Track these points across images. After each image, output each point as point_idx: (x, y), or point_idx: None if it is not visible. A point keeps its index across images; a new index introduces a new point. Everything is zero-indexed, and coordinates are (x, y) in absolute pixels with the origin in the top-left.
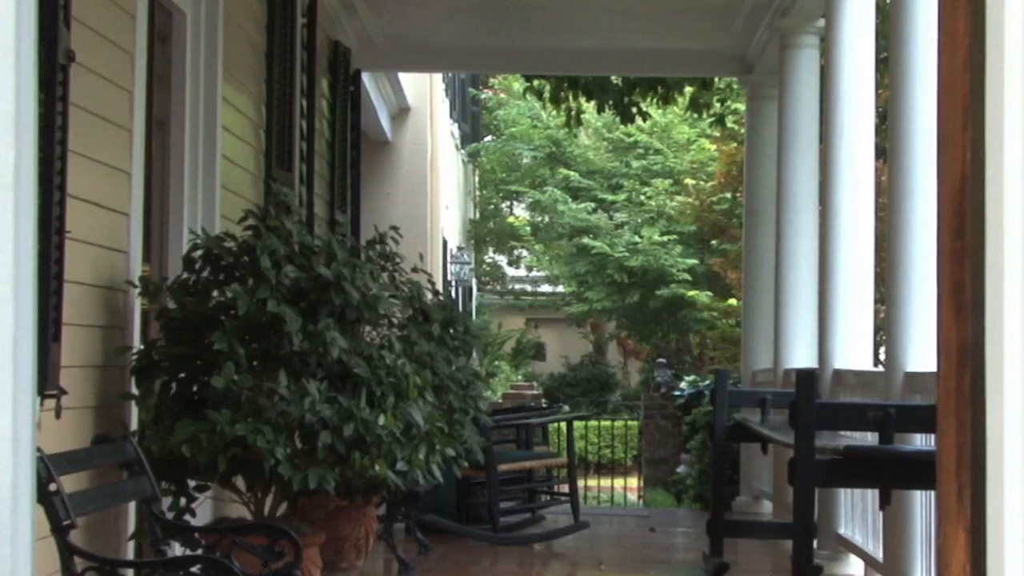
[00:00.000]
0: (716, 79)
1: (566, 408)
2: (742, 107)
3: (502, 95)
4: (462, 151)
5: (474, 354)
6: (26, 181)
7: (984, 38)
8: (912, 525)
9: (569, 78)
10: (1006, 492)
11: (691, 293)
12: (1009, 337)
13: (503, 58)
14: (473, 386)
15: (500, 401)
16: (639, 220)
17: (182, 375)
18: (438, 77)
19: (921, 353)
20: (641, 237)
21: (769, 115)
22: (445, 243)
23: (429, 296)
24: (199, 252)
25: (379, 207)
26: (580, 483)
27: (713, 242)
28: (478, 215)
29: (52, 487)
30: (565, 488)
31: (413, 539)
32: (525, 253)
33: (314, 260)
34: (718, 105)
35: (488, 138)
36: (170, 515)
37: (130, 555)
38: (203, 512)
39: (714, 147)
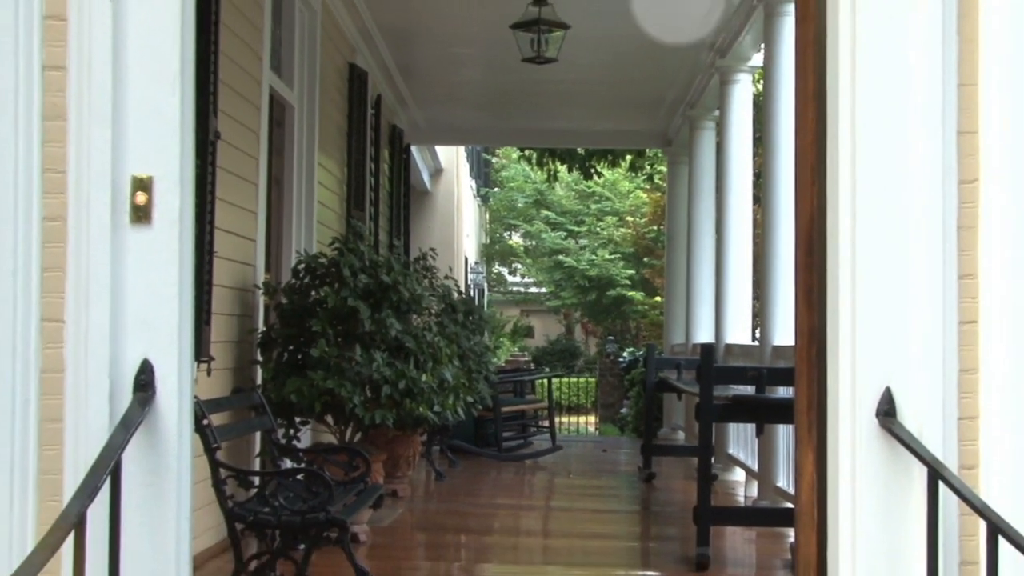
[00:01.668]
0: (647, 150)
1: (547, 369)
2: (664, 169)
3: (504, 160)
4: (477, 197)
5: (485, 333)
6: (187, 218)
7: (826, 125)
8: (777, 447)
9: (548, 149)
10: (840, 426)
11: (630, 293)
12: (841, 323)
13: (504, 136)
14: (485, 355)
15: (503, 365)
16: (596, 244)
17: (291, 347)
18: (461, 148)
19: (783, 332)
20: (597, 256)
21: (682, 174)
22: (466, 259)
23: (455, 295)
24: (302, 265)
25: (422, 235)
26: (556, 419)
27: (645, 259)
28: (488, 240)
29: (205, 422)
30: (546, 423)
31: (445, 457)
32: (519, 266)
33: (379, 271)
34: (648, 167)
35: (495, 189)
36: (283, 441)
37: (256, 467)
38: (305, 439)
39: (646, 196)
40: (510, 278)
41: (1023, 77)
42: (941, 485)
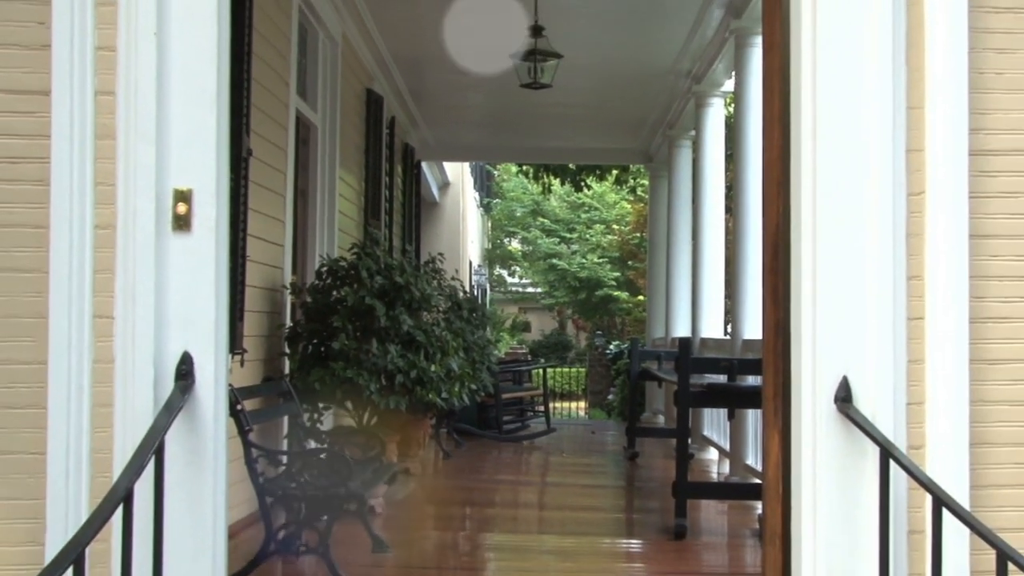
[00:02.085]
0: (631, 166)
1: (542, 360)
2: (646, 182)
3: (504, 174)
4: (480, 207)
5: (487, 328)
6: (223, 226)
7: (790, 144)
8: (747, 430)
9: (543, 165)
10: (802, 411)
11: (616, 293)
12: (804, 319)
13: (504, 152)
14: (487, 348)
15: (503, 356)
16: (585, 249)
17: (315, 341)
18: (466, 164)
19: (752, 327)
20: (586, 260)
21: (662, 187)
22: (470, 263)
23: (461, 294)
24: (325, 268)
25: (431, 241)
26: (550, 405)
27: (629, 262)
28: (490, 245)
29: (239, 407)
30: (541, 408)
31: (451, 438)
32: (518, 269)
33: (393, 273)
34: (632, 181)
35: (496, 200)
36: (308, 424)
37: (284, 447)
38: (327, 422)
39: (629, 206)
40: (509, 279)
41: (962, 101)
42: (892, 463)
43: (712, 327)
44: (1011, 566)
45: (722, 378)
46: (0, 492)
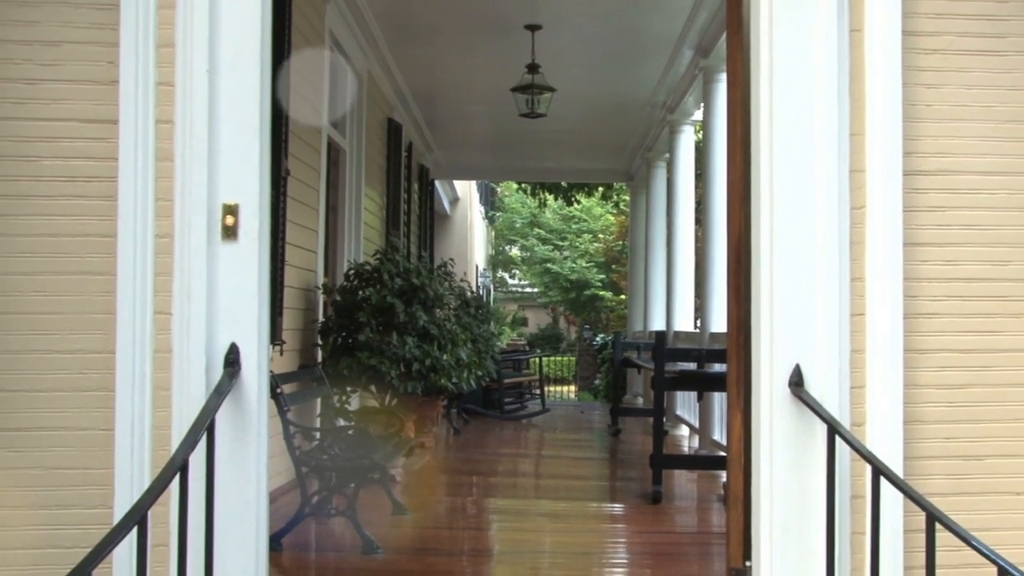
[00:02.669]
0: (614, 183)
1: (538, 351)
2: (627, 198)
3: (505, 191)
4: (485, 219)
5: (491, 323)
6: (265, 236)
7: (750, 164)
8: (713, 409)
9: (539, 182)
10: (761, 393)
11: (601, 293)
12: (763, 315)
13: (506, 172)
14: (491, 340)
15: (505, 347)
16: (575, 255)
17: (343, 333)
18: (473, 181)
19: (719, 322)
20: (576, 264)
21: (641, 202)
22: (477, 267)
23: (468, 294)
24: (352, 271)
25: (443, 248)
26: (545, 388)
27: (613, 266)
28: (493, 252)
29: (278, 390)
30: (538, 391)
31: (460, 417)
32: (517, 272)
33: (410, 275)
34: (615, 196)
35: (499, 212)
36: (337, 405)
37: (317, 425)
38: (354, 403)
39: (613, 218)
40: (510, 281)
41: (897, 129)
42: (837, 438)
43: (684, 322)
44: (938, 526)
45: (693, 366)
46: (76, 462)
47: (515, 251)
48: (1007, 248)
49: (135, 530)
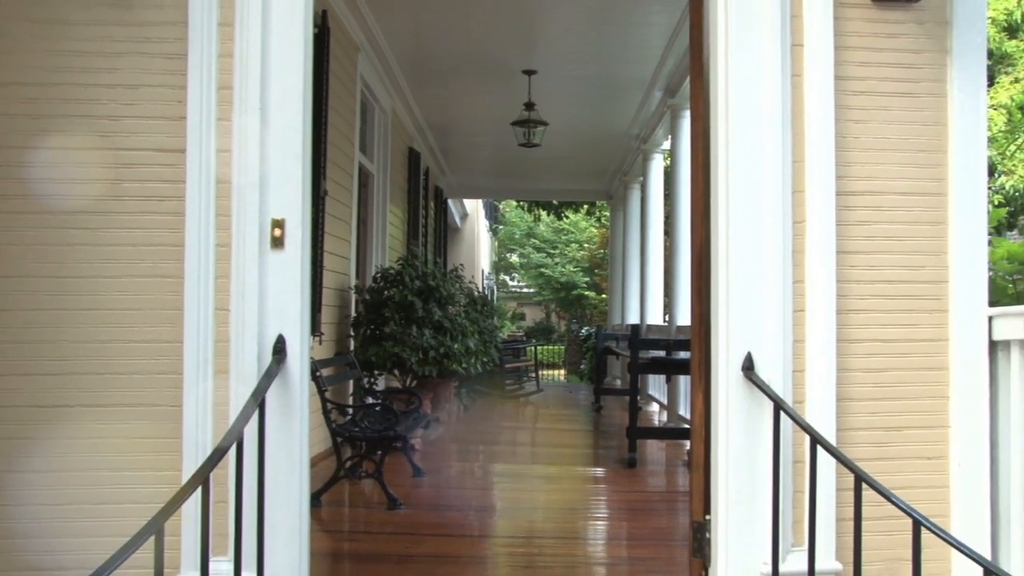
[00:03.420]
0: (597, 201)
1: (534, 341)
2: (608, 213)
3: (506, 207)
4: (489, 231)
5: (495, 318)
6: (307, 245)
7: (710, 186)
8: (679, 390)
9: (535, 201)
10: (719, 376)
11: (586, 293)
12: (720, 311)
13: (507, 192)
14: (494, 332)
15: (506, 337)
16: (565, 262)
17: (372, 326)
18: (480, 200)
19: (684, 316)
20: (565, 269)
21: (620, 217)
22: (483, 271)
23: (476, 293)
24: (378, 274)
25: (454, 256)
26: (539, 372)
27: (596, 271)
28: (496, 259)
29: (317, 373)
30: (533, 374)
31: (469, 396)
32: (516, 275)
33: (427, 278)
34: (599, 212)
35: (501, 225)
36: (367, 386)
37: (350, 402)
38: (380, 385)
39: (596, 230)
40: (510, 283)
41: (830, 157)
42: (782, 413)
43: (655, 316)
44: (864, 485)
45: (662, 353)
46: (151, 432)
47: (514, 258)
48: (922, 256)
49: (200, 489)
